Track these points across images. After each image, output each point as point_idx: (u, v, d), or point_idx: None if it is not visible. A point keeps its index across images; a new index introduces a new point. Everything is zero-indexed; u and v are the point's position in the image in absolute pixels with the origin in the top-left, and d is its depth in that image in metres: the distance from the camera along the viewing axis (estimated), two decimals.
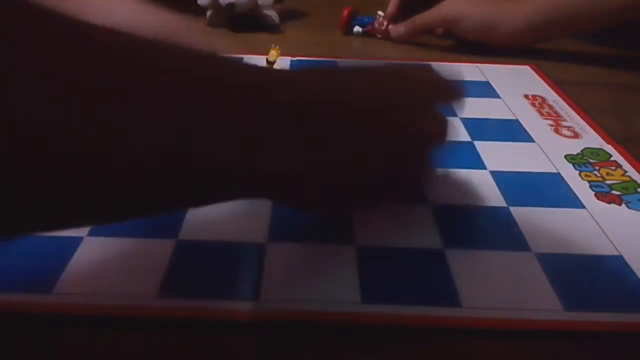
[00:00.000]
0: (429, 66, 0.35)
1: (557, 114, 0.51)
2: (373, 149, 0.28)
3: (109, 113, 0.20)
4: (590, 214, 0.37)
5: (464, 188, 0.39)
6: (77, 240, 0.32)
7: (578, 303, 0.29)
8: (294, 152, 0.26)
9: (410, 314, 0.28)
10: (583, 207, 0.37)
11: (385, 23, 0.71)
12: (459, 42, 0.71)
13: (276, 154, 0.25)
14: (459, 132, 0.47)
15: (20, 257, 0.31)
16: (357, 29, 0.72)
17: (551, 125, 0.49)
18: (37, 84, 0.18)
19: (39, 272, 0.30)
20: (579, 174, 0.41)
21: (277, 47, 0.58)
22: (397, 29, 0.71)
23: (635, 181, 0.40)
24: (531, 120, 0.50)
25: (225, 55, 0.28)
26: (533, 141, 0.46)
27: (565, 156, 0.44)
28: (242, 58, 0.56)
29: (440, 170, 0.39)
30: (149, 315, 0.28)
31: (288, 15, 0.77)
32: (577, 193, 0.39)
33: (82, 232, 0.33)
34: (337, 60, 0.63)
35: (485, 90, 0.56)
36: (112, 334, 0.27)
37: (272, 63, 0.57)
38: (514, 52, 0.67)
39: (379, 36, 0.72)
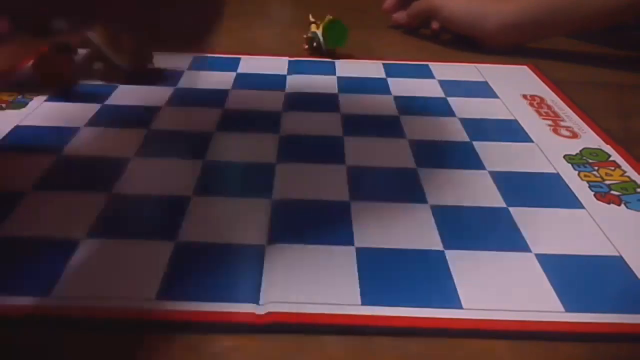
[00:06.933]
0: None
1: (556, 114, 0.51)
2: None
3: None
4: (590, 214, 0.37)
5: (464, 188, 0.39)
6: (75, 243, 0.32)
7: (578, 303, 0.29)
8: None
9: (410, 315, 0.28)
10: (582, 207, 0.37)
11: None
12: (457, 42, 0.71)
13: None
14: (457, 133, 0.47)
15: (19, 260, 0.31)
16: None
17: (550, 125, 0.49)
18: None
19: (38, 275, 0.29)
20: (578, 174, 0.41)
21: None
22: (399, 15, 0.77)
23: (634, 181, 0.40)
24: (530, 121, 0.50)
25: None
26: (532, 141, 0.46)
27: (564, 156, 0.44)
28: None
29: None
30: (147, 318, 0.27)
31: None
32: (576, 193, 0.39)
33: (80, 234, 0.33)
34: (336, 61, 0.63)
35: (484, 90, 0.56)
36: (110, 337, 0.26)
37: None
38: (512, 52, 0.67)
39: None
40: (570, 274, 0.31)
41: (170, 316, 0.27)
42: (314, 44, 0.64)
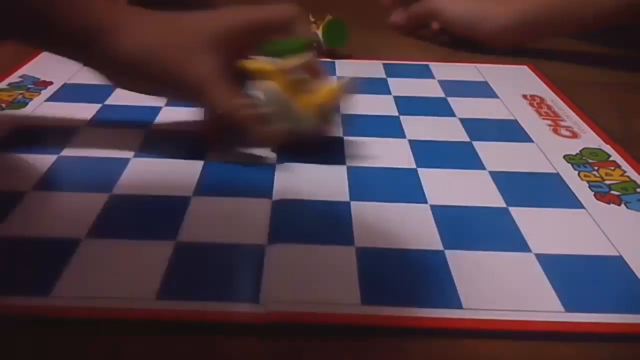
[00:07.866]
0: None
1: (556, 114, 0.51)
2: None
3: None
4: (590, 215, 0.37)
5: (464, 188, 0.39)
6: (75, 243, 0.32)
7: (578, 303, 0.29)
8: None
9: (410, 315, 0.28)
10: (582, 207, 0.37)
11: None
12: (457, 42, 0.71)
13: None
14: (457, 133, 0.47)
15: (19, 259, 0.31)
16: None
17: (550, 125, 0.49)
18: None
19: (38, 275, 0.29)
20: (578, 174, 0.41)
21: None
22: (398, 17, 0.75)
23: (634, 181, 0.40)
24: (530, 121, 0.50)
25: None
26: (532, 141, 0.46)
27: (564, 156, 0.44)
28: None
29: None
30: (148, 318, 0.27)
31: None
32: (576, 193, 0.39)
33: (80, 234, 0.33)
34: (336, 61, 0.63)
35: (484, 90, 0.56)
36: (110, 337, 0.26)
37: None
38: (512, 52, 0.67)
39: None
40: (570, 274, 0.31)
41: (170, 316, 0.27)
42: (314, 44, 0.64)
